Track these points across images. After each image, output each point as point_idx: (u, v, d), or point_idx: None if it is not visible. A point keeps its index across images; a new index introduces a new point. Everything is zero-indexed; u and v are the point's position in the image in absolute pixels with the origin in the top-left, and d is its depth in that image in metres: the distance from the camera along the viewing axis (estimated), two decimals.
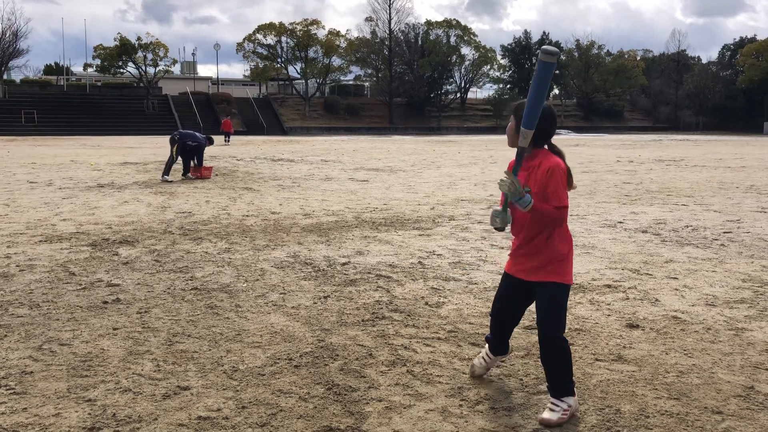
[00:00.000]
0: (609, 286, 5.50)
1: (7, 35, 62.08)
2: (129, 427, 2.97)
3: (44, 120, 54.47)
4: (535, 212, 2.98)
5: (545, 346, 3.11)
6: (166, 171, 14.66)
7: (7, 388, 3.36)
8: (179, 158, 15.06)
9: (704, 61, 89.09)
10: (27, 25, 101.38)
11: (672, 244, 7.40)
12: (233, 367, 3.69)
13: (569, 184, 3.07)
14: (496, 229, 3.12)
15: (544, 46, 2.85)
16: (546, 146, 3.14)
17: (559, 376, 3.09)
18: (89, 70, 67.60)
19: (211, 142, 15.68)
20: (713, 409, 3.21)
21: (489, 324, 3.53)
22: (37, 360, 3.75)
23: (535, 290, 3.17)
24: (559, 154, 3.12)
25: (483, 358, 3.54)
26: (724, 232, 8.14)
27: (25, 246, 7.02)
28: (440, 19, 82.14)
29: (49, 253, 6.68)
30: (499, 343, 3.48)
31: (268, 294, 5.20)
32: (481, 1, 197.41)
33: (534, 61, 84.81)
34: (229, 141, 39.16)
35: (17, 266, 6.05)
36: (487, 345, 3.55)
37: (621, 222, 8.94)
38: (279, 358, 3.82)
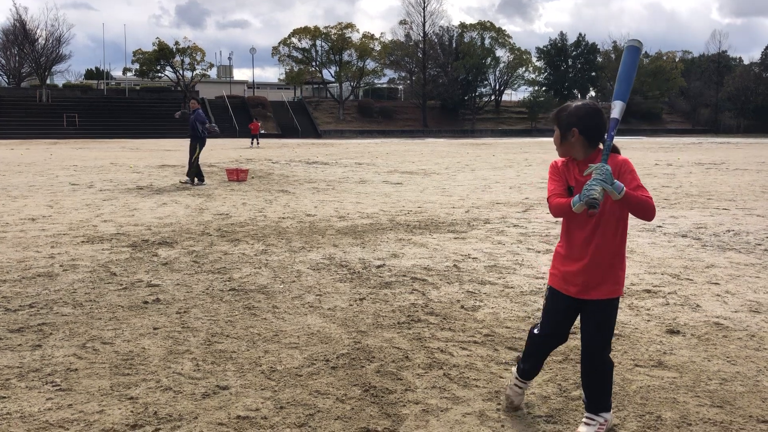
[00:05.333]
0: (648, 291, 5.41)
1: (50, 41, 63.79)
2: (170, 425, 3.02)
3: (85, 123, 55.77)
4: (627, 201, 2.67)
5: (594, 365, 2.95)
6: (198, 175, 14.59)
7: (53, 384, 3.45)
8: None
9: (746, 62, 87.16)
10: (69, 31, 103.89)
11: (713, 248, 7.25)
12: (271, 367, 3.72)
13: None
14: (591, 200, 2.60)
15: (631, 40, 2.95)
16: (600, 145, 2.87)
17: (600, 393, 2.97)
18: (128, 74, 69.01)
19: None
20: (759, 417, 3.14)
21: (526, 346, 3.20)
22: (81, 358, 3.84)
23: (589, 307, 2.92)
24: (617, 150, 2.84)
25: (517, 386, 3.19)
26: None
27: (68, 246, 7.19)
28: (471, 21, 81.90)
29: (91, 253, 6.83)
30: (535, 369, 3.17)
31: (304, 295, 5.24)
32: (512, 3, 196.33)
33: (570, 62, 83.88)
34: (257, 143, 39.57)
35: (61, 266, 6.21)
36: (516, 371, 3.21)
37: (660, 226, 8.79)
38: (316, 359, 3.84)
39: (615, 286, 2.89)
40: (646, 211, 2.73)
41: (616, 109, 2.81)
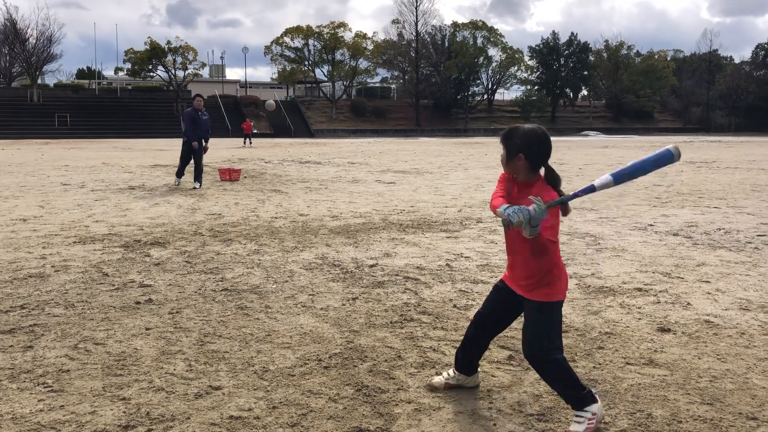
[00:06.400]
0: (640, 290, 5.44)
1: (41, 41, 63.48)
2: (162, 426, 3.02)
3: (77, 123, 55.51)
4: (534, 241, 2.81)
5: (537, 365, 3.05)
6: (196, 176, 14.19)
7: (45, 386, 3.44)
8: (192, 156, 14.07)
9: (737, 61, 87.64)
10: (60, 30, 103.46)
11: (704, 247, 7.30)
12: (264, 367, 3.73)
13: (564, 211, 2.98)
14: (506, 220, 2.68)
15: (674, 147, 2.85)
16: (543, 170, 2.99)
17: (563, 389, 3.02)
18: (120, 73, 68.74)
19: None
20: (748, 414, 3.17)
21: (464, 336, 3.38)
22: (73, 359, 3.83)
23: (525, 306, 3.10)
24: (555, 181, 2.96)
25: (449, 374, 3.43)
26: (758, 235, 8.00)
27: (60, 247, 7.17)
28: (462, 20, 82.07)
29: (83, 254, 6.81)
30: (468, 362, 3.37)
31: (297, 295, 5.24)
32: (503, 2, 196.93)
33: (562, 61, 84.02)
34: (250, 143, 39.64)
35: (52, 267, 6.18)
36: (455, 362, 3.43)
37: (651, 225, 8.83)
38: (309, 359, 3.85)
39: (549, 290, 3.01)
40: (540, 254, 2.92)
41: (602, 181, 2.82)
